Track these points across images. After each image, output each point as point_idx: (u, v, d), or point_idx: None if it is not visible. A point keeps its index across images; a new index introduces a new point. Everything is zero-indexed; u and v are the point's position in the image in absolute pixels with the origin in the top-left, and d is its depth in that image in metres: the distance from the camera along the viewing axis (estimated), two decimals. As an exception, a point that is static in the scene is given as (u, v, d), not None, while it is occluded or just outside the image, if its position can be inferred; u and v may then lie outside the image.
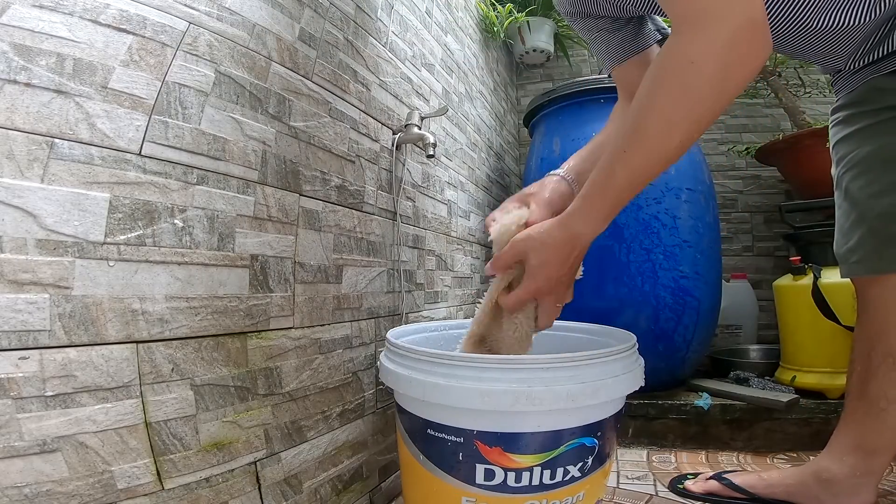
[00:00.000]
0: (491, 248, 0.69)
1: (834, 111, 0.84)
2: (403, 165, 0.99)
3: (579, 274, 0.66)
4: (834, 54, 0.72)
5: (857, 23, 0.63)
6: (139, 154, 0.48)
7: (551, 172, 0.74)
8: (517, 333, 0.65)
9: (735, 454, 1.13)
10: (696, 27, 0.48)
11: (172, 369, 0.50)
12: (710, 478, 0.93)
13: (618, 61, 0.80)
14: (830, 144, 0.85)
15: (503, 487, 0.58)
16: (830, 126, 0.85)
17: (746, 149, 1.71)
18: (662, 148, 0.53)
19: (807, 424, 1.13)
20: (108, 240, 0.45)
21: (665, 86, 0.51)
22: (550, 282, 0.62)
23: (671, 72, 0.50)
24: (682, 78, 0.49)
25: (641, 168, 0.55)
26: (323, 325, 0.72)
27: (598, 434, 0.59)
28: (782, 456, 1.11)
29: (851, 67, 0.74)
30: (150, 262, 0.49)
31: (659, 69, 0.52)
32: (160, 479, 0.48)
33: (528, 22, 1.90)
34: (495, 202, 1.72)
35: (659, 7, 0.70)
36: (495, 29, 1.79)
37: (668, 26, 0.86)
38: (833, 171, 0.85)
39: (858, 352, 0.82)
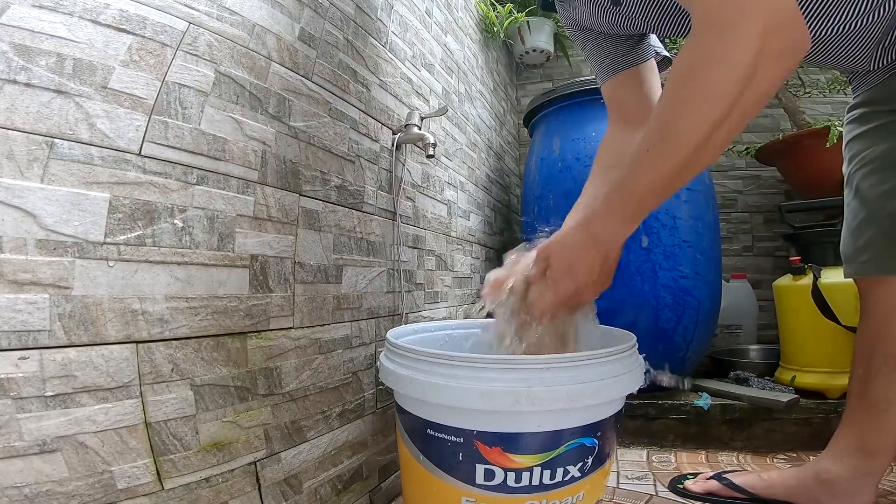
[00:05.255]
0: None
1: (850, 109, 0.83)
2: (403, 165, 0.99)
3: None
4: (852, 57, 0.70)
5: (866, 23, 0.62)
6: (139, 154, 0.48)
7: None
8: (558, 331, 0.65)
9: (735, 454, 1.13)
10: (721, 25, 0.45)
11: (172, 369, 0.50)
12: (710, 478, 0.93)
13: (613, 73, 0.79)
14: (844, 142, 0.84)
15: (503, 487, 0.57)
16: (845, 124, 0.84)
17: (746, 149, 1.71)
18: (687, 149, 0.50)
19: (807, 424, 1.13)
20: (108, 240, 0.45)
21: (691, 85, 0.48)
22: (577, 287, 0.60)
23: (697, 71, 0.48)
24: (708, 78, 0.47)
25: (665, 170, 0.52)
26: (323, 325, 0.72)
27: (598, 434, 0.59)
28: (782, 456, 1.11)
29: (875, 67, 0.73)
30: (150, 262, 0.49)
31: (684, 68, 0.49)
32: (160, 480, 0.48)
33: (528, 22, 1.90)
34: (495, 202, 1.72)
35: (657, 27, 0.70)
36: (495, 29, 1.79)
37: (667, 46, 0.86)
38: (844, 168, 0.84)
39: (860, 353, 0.82)
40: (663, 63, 0.82)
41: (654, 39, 0.80)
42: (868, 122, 0.78)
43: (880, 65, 0.71)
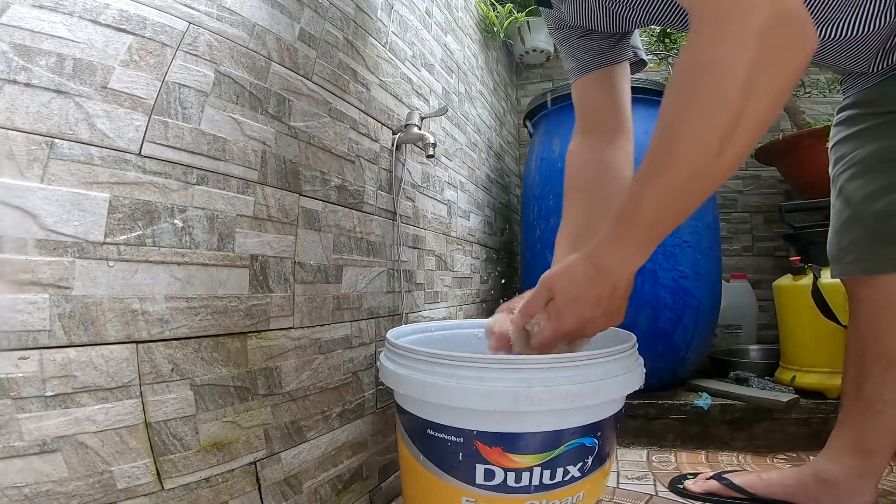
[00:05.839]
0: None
1: (839, 111, 0.83)
2: (403, 165, 0.99)
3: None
4: (855, 60, 0.70)
5: (871, 29, 0.62)
6: (139, 154, 0.48)
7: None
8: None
9: (735, 454, 1.13)
10: (719, 23, 0.42)
11: (172, 369, 0.50)
12: (710, 478, 0.93)
13: (587, 70, 0.76)
14: (830, 144, 0.84)
15: (503, 487, 0.57)
16: (833, 125, 0.84)
17: (746, 149, 1.71)
18: (694, 165, 0.45)
19: (807, 424, 1.13)
20: (108, 240, 0.45)
21: (690, 93, 0.45)
22: (581, 322, 0.56)
23: (695, 77, 0.44)
24: (707, 83, 0.43)
25: (673, 191, 0.47)
26: (323, 325, 0.72)
27: (598, 434, 0.59)
28: (782, 456, 1.11)
29: (873, 70, 0.72)
30: (150, 262, 0.49)
31: (682, 75, 0.46)
32: (160, 480, 0.48)
33: (527, 22, 1.90)
34: (495, 202, 1.72)
35: (660, 18, 0.67)
36: (495, 29, 1.79)
37: (647, 49, 0.83)
38: (831, 170, 0.84)
39: (851, 353, 0.82)
40: (637, 65, 0.80)
41: (635, 38, 0.78)
42: (856, 123, 0.78)
43: (879, 68, 0.71)
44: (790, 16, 0.41)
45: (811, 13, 0.60)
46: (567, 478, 0.58)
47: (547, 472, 0.57)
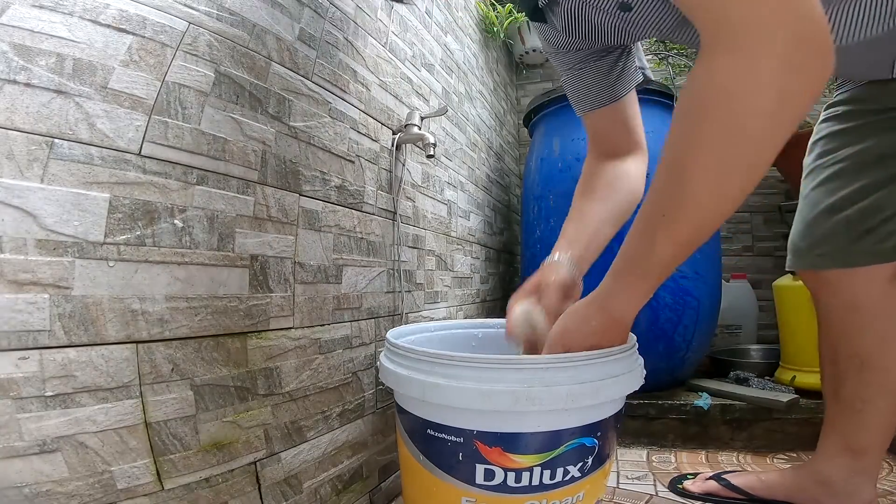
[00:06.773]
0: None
1: (830, 106, 0.81)
2: (403, 165, 0.99)
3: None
4: (875, 68, 0.68)
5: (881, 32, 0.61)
6: (139, 154, 0.48)
7: (547, 262, 0.70)
8: None
9: (735, 454, 1.13)
10: (736, 47, 0.37)
11: (172, 369, 0.50)
12: (709, 478, 0.93)
13: (590, 108, 0.73)
14: (816, 136, 0.82)
15: (503, 487, 0.57)
16: (821, 120, 0.82)
17: (746, 149, 1.71)
18: (714, 206, 0.43)
19: (807, 424, 1.13)
20: (108, 240, 0.45)
21: (706, 129, 0.40)
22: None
23: (711, 110, 0.40)
24: (726, 117, 0.39)
25: (690, 234, 0.45)
26: (323, 325, 0.72)
27: (598, 434, 0.59)
28: (782, 456, 1.11)
29: (893, 76, 0.69)
30: (150, 262, 0.49)
31: (693, 107, 0.42)
32: (160, 480, 0.48)
33: (527, 22, 1.90)
34: (495, 202, 1.72)
35: (670, 35, 0.61)
36: (495, 29, 1.79)
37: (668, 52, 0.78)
38: (809, 161, 0.83)
39: (825, 355, 0.81)
40: (645, 81, 0.75)
41: (639, 52, 0.73)
42: (850, 119, 0.77)
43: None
44: (816, 32, 0.36)
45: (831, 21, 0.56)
46: (567, 478, 0.58)
47: (547, 472, 0.57)
